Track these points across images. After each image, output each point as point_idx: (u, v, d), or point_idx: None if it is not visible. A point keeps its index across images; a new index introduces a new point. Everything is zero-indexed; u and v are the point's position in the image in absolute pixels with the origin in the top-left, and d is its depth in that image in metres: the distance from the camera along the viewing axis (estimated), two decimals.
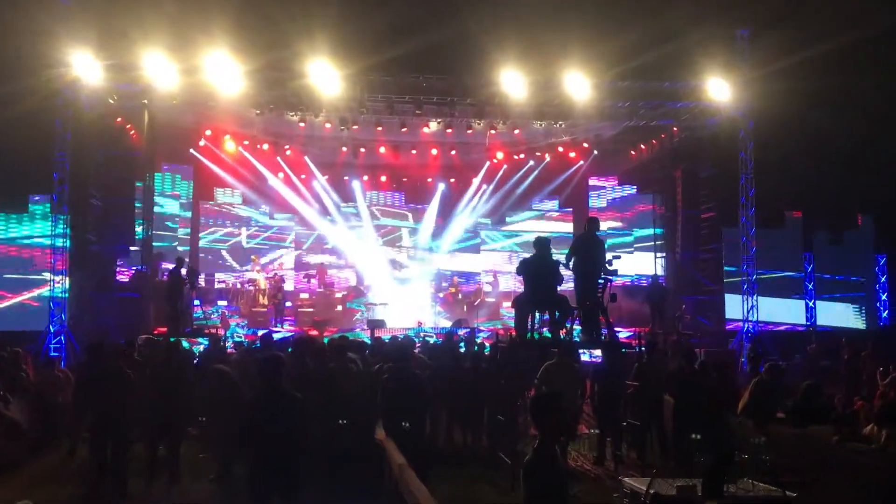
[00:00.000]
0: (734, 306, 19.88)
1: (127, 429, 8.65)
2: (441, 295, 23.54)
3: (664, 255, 22.59)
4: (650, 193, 23.51)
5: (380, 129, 20.66)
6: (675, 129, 21.03)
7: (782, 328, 21.08)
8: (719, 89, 18.46)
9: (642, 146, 22.94)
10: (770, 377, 10.89)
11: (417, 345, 13.22)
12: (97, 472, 8.56)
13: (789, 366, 15.52)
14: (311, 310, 22.00)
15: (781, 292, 21.33)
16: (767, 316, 20.31)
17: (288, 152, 23.16)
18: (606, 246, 12.19)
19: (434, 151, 23.17)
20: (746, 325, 19.01)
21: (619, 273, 12.51)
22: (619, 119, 20.42)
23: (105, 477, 8.52)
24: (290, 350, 9.80)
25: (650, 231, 23.26)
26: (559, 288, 11.18)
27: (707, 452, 6.62)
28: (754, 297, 19.22)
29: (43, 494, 8.54)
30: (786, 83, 17.80)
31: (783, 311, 21.37)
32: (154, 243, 19.97)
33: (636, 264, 23.18)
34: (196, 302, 19.65)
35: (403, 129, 20.28)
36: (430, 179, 24.82)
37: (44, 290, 17.91)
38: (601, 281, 11.28)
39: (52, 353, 16.01)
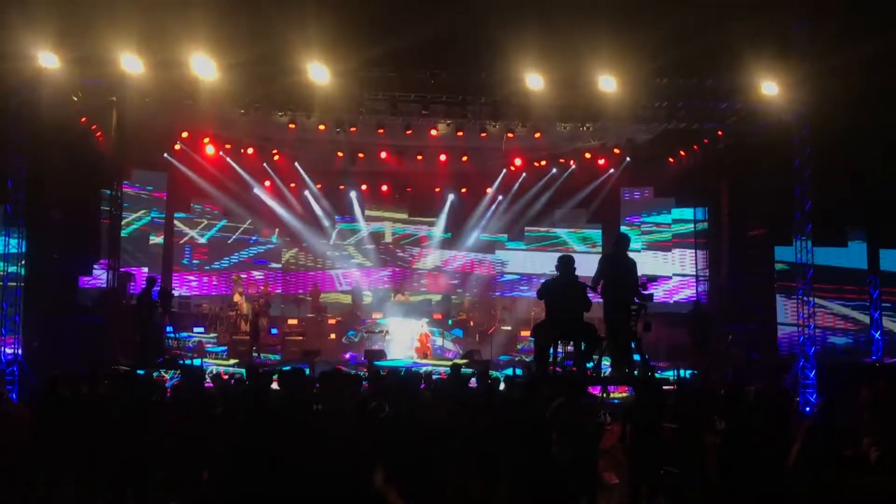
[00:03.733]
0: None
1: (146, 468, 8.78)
2: (450, 323, 23.51)
3: (707, 276, 22.55)
4: (691, 207, 23.48)
5: (381, 131, 20.58)
6: (719, 132, 20.98)
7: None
8: (771, 88, 18.39)
9: (682, 153, 22.91)
10: (824, 419, 10.80)
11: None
12: None
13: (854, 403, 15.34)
14: (300, 338, 21.98)
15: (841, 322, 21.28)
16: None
17: (276, 158, 23.25)
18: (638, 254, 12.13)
19: (443, 157, 23.22)
20: (803, 361, 18.89)
21: (654, 298, 12.52)
22: (655, 122, 20.34)
23: None
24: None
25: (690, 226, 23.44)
26: (586, 315, 11.16)
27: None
28: (813, 328, 19.09)
29: None
30: (848, 81, 17.68)
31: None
32: (122, 261, 20.02)
33: (677, 263, 23.33)
34: (168, 328, 19.68)
35: (408, 132, 20.31)
36: (437, 189, 24.87)
37: None
38: (634, 307, 11.26)
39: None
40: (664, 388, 12.20)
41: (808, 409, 17.50)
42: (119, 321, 18.89)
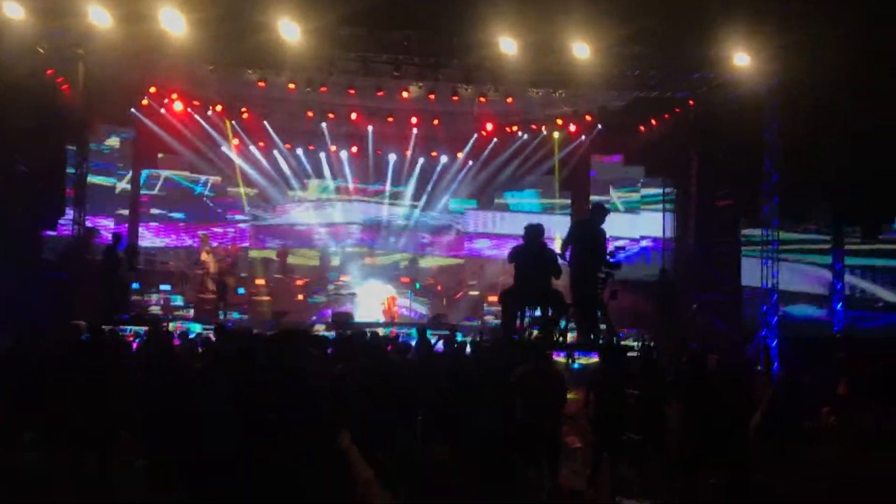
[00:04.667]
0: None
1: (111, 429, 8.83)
2: (418, 287, 23.56)
3: (673, 246, 22.74)
4: (660, 176, 23.61)
5: (352, 92, 20.37)
6: (690, 102, 21.06)
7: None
8: (743, 59, 18.42)
9: (653, 121, 22.98)
10: (786, 390, 11.01)
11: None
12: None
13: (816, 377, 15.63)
14: (267, 299, 21.93)
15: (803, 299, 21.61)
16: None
17: (245, 116, 23.05)
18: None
19: (414, 120, 23.14)
20: (765, 331, 19.17)
21: (621, 267, 12.60)
22: (627, 89, 20.37)
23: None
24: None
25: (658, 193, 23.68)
26: (553, 282, 11.25)
27: (718, 473, 6.67)
28: (775, 299, 19.36)
29: None
30: (819, 54, 17.79)
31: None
32: (87, 216, 19.80)
33: (644, 226, 23.58)
34: (135, 285, 19.56)
35: (379, 94, 20.19)
36: (407, 152, 24.79)
37: None
38: (602, 275, 11.35)
39: None
40: (628, 355, 12.34)
41: (769, 379, 17.78)
42: (84, 277, 18.72)
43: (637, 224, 24.05)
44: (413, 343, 13.53)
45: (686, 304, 19.85)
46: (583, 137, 24.13)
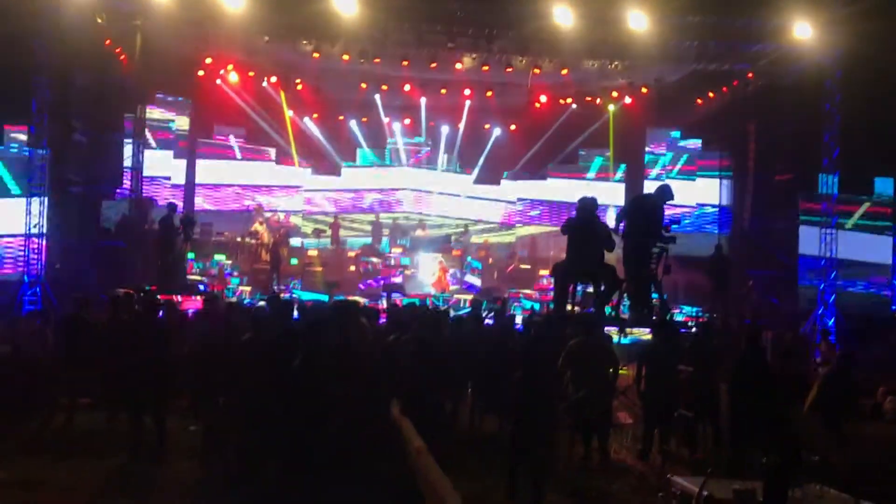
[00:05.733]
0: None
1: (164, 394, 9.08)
2: (470, 259, 23.55)
3: (731, 221, 22.45)
4: (717, 150, 23.29)
5: (405, 63, 20.30)
6: (749, 75, 20.67)
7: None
8: (804, 30, 17.99)
9: (710, 94, 22.60)
10: (841, 368, 10.85)
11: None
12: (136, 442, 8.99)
13: (871, 355, 15.39)
14: (319, 269, 22.07)
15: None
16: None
17: (299, 87, 23.15)
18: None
19: (467, 92, 23.05)
20: (822, 309, 18.86)
21: (676, 240, 12.47)
22: (684, 61, 20.02)
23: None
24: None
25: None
26: (606, 256, 11.17)
27: (770, 451, 6.58)
28: (833, 276, 19.01)
29: (19, 466, 8.69)
30: (883, 24, 17.29)
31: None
32: (145, 186, 20.10)
33: (701, 193, 23.28)
34: (190, 255, 19.83)
35: (433, 65, 20.12)
36: (460, 124, 24.74)
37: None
38: (656, 250, 11.25)
39: (28, 306, 16.26)
40: (681, 331, 12.24)
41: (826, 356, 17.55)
42: (140, 246, 19.03)
43: (693, 190, 23.79)
44: (464, 315, 13.58)
45: (742, 280, 19.58)
46: (639, 110, 23.85)
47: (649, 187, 21.31)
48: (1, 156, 18.35)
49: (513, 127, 24.76)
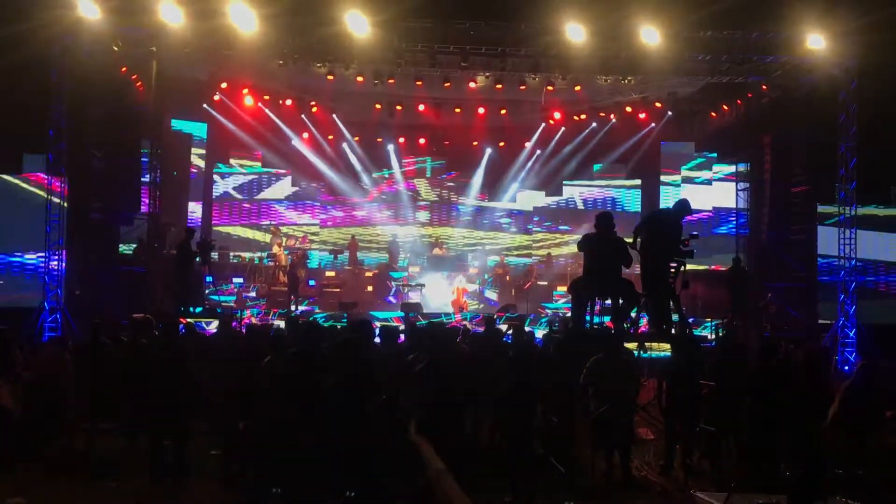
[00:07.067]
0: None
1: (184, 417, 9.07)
2: (487, 276, 23.55)
3: (747, 234, 22.32)
4: (732, 163, 23.22)
5: (419, 84, 20.35)
6: (763, 87, 20.62)
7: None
8: (817, 41, 17.97)
9: (724, 107, 22.58)
10: (863, 379, 10.71)
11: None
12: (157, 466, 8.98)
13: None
14: (338, 290, 22.12)
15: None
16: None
17: (314, 109, 23.28)
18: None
19: (481, 111, 23.10)
20: (843, 320, 18.72)
21: (693, 255, 12.42)
22: (697, 75, 20.05)
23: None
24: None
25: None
26: (624, 271, 11.12)
27: (794, 464, 6.53)
28: (852, 288, 18.87)
29: (39, 490, 8.70)
30: None
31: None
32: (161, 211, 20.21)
33: (717, 198, 23.21)
34: (208, 279, 19.90)
35: (446, 85, 20.20)
36: (475, 143, 24.79)
37: (35, 261, 18.19)
38: (674, 264, 11.19)
39: (48, 333, 16.36)
40: (701, 345, 12.16)
41: (846, 368, 17.39)
42: (158, 271, 19.11)
43: (710, 196, 23.72)
44: (482, 333, 13.52)
45: (760, 292, 19.46)
46: (652, 125, 23.85)
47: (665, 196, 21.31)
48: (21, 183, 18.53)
49: (527, 144, 24.83)
